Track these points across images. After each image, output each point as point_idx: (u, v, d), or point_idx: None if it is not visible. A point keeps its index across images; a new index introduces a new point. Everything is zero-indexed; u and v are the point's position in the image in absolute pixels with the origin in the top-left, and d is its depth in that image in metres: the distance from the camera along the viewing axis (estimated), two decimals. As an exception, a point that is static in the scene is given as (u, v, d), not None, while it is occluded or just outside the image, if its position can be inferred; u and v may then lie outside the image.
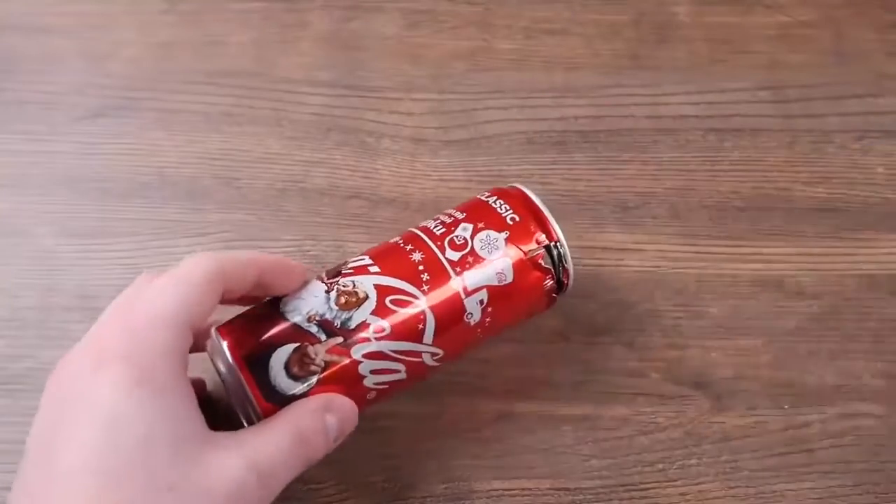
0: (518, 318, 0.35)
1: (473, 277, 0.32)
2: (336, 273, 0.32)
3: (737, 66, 0.49)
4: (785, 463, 0.36)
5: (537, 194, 0.35)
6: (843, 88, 0.48)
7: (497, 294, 0.33)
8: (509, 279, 0.33)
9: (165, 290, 0.28)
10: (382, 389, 0.32)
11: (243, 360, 0.29)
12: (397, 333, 0.31)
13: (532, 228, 0.34)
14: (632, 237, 0.43)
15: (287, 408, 0.29)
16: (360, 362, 0.30)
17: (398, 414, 0.37)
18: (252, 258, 0.31)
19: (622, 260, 0.42)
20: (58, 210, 0.43)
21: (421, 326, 0.31)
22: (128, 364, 0.26)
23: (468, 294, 0.32)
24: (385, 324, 0.31)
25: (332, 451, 0.31)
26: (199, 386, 0.34)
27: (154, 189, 0.44)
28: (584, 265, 0.41)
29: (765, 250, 0.42)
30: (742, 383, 0.38)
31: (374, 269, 0.32)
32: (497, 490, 0.36)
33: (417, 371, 0.32)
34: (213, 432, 0.27)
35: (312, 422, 0.29)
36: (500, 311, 0.33)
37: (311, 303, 0.31)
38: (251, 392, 0.29)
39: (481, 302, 0.32)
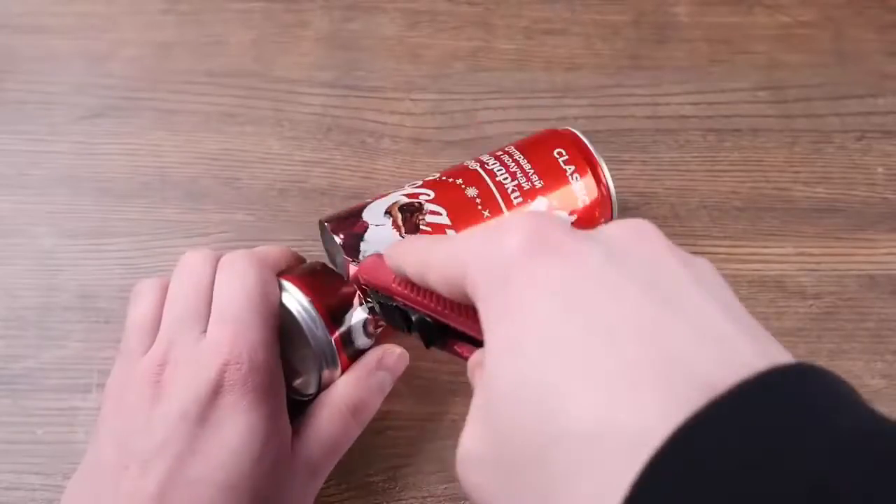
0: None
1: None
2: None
3: (736, 66, 0.49)
4: (785, 463, 0.36)
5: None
6: (842, 88, 0.48)
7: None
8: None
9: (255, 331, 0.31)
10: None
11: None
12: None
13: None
14: (632, 237, 0.42)
15: (339, 381, 0.32)
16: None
17: (399, 414, 0.37)
18: (282, 254, 0.35)
19: (622, 260, 0.42)
20: (57, 210, 0.43)
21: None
22: (268, 399, 0.30)
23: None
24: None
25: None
26: None
27: (154, 189, 0.44)
28: (584, 265, 0.41)
29: (764, 250, 0.42)
30: (742, 383, 0.38)
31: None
32: (497, 490, 0.36)
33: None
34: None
35: (366, 388, 0.32)
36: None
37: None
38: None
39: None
